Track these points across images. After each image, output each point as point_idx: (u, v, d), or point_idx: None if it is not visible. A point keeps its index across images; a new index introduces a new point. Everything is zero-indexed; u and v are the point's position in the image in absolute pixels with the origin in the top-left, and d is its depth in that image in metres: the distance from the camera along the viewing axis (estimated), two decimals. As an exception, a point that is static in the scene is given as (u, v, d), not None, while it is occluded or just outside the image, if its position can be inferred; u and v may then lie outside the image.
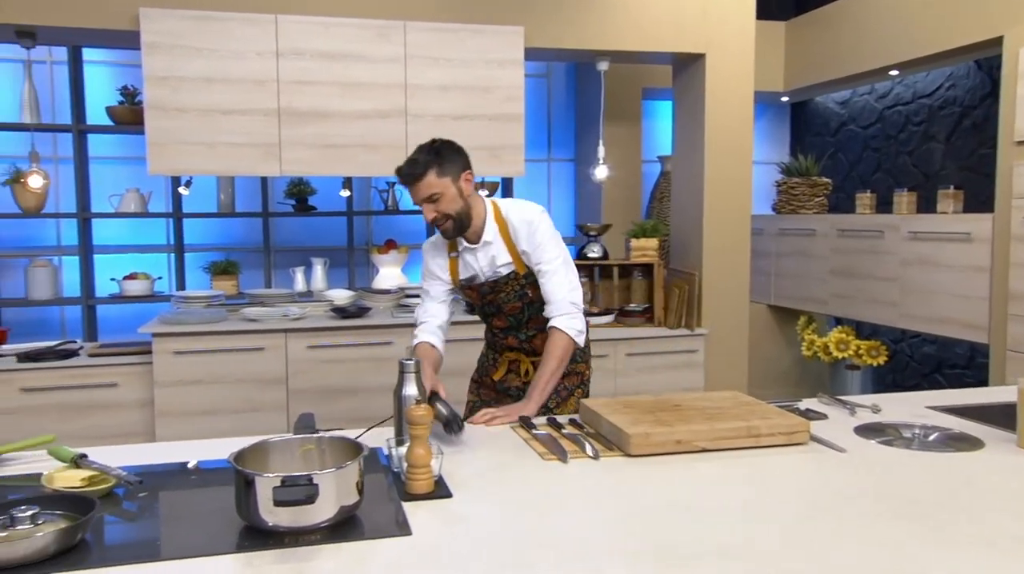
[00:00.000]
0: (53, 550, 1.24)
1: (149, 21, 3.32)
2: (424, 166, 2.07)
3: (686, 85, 4.25)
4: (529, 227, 2.17)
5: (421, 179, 2.08)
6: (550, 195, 5.17)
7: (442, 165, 2.09)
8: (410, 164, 2.09)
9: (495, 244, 2.22)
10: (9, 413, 3.28)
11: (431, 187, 2.08)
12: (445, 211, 2.12)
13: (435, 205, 2.11)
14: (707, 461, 1.68)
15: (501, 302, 2.28)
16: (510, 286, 2.25)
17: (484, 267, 2.24)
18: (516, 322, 2.33)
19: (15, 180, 3.76)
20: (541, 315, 2.25)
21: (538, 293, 2.23)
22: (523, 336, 2.36)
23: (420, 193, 2.10)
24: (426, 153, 2.09)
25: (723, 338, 4.15)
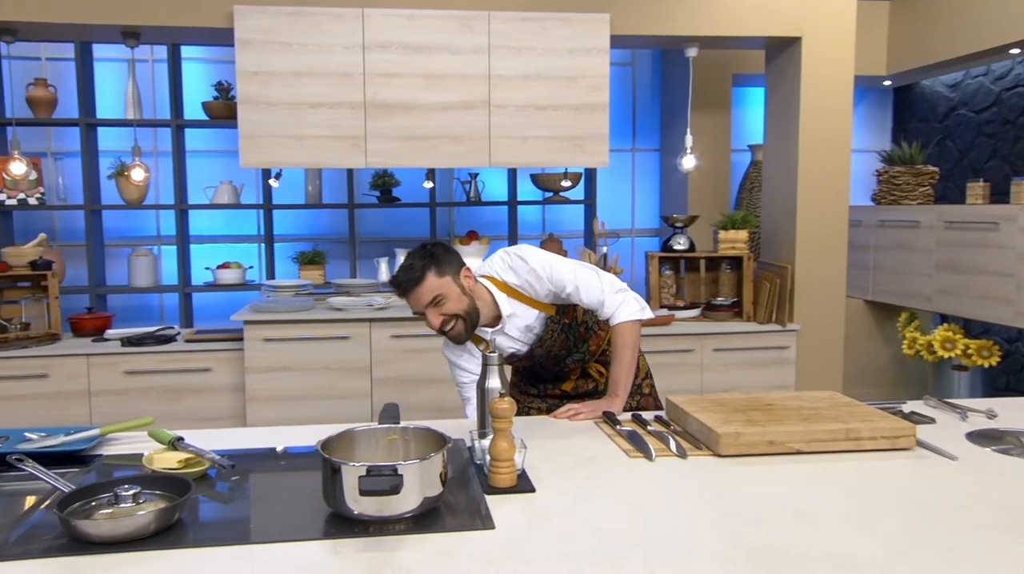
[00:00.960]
0: (153, 528, 1.28)
1: (242, 18, 3.42)
2: (421, 270, 1.95)
3: (780, 70, 4.07)
4: (535, 275, 2.06)
5: (421, 283, 1.95)
6: (634, 186, 5.07)
7: (440, 265, 1.97)
8: (406, 271, 1.97)
9: (518, 313, 2.12)
10: (115, 394, 3.45)
11: (433, 289, 1.95)
12: (452, 312, 1.98)
13: (439, 308, 1.97)
14: (802, 464, 1.60)
15: (549, 348, 2.20)
16: (551, 330, 2.16)
17: (521, 337, 2.15)
18: (567, 350, 2.24)
19: (120, 173, 3.95)
20: (582, 327, 2.21)
21: (573, 315, 2.17)
22: (579, 355, 2.27)
23: (422, 299, 1.96)
24: (420, 257, 1.98)
25: (817, 335, 3.97)
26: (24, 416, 3.33)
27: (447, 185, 4.71)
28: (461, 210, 4.77)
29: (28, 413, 3.35)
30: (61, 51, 4.20)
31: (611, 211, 4.92)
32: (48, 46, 4.23)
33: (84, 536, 1.25)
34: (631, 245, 5.04)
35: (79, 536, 1.26)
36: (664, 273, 4.23)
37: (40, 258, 3.58)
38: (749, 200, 4.89)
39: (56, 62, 4.25)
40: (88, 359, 3.43)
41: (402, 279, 1.97)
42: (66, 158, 4.28)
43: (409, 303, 2.00)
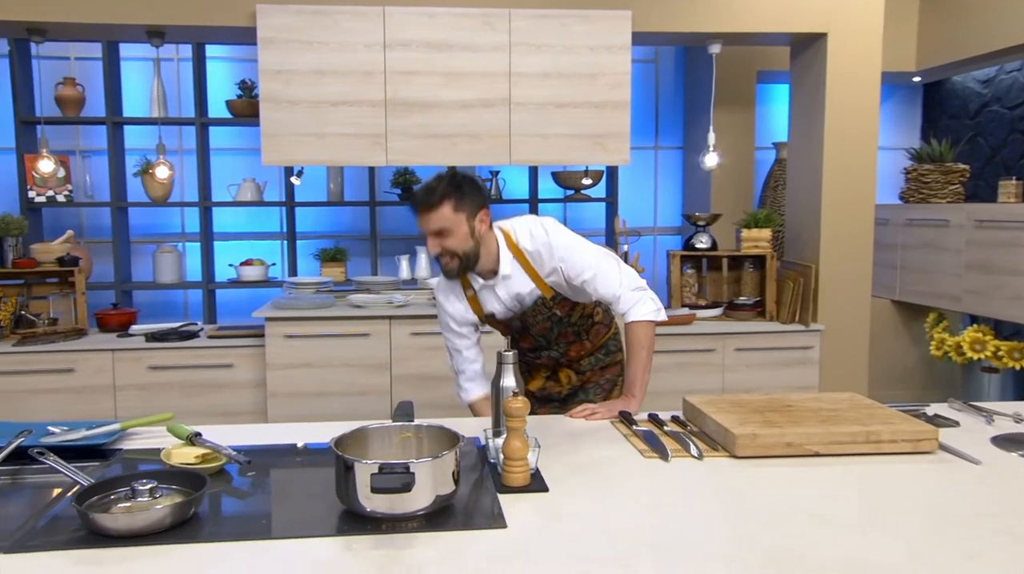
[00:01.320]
0: (169, 522, 1.30)
1: (265, 17, 3.44)
2: (440, 196, 1.91)
3: (805, 67, 4.02)
4: (549, 249, 2.02)
5: (434, 210, 1.91)
6: (657, 183, 5.03)
7: (461, 199, 1.92)
8: (426, 192, 1.93)
9: (514, 277, 2.06)
10: (138, 389, 3.50)
11: (443, 220, 1.91)
12: (451, 249, 1.95)
13: (442, 240, 1.94)
14: (820, 466, 1.57)
15: (530, 324, 2.15)
16: (538, 311, 2.11)
17: (507, 300, 2.10)
18: (546, 341, 2.19)
19: (145, 171, 4.00)
20: (569, 330, 2.16)
21: (567, 311, 2.11)
22: (556, 353, 2.23)
23: (430, 224, 1.93)
24: (445, 184, 1.93)
25: (841, 335, 3.91)
26: (50, 409, 3.39)
27: (468, 183, 4.70)
28: (482, 208, 4.76)
29: (55, 406, 3.41)
30: (89, 51, 4.26)
31: (633, 209, 4.89)
32: (77, 46, 4.29)
33: (102, 529, 1.27)
34: (653, 243, 5.00)
35: (97, 529, 1.27)
36: (686, 272, 4.20)
37: (67, 254, 3.64)
38: (773, 198, 4.84)
39: (84, 61, 4.32)
40: (113, 354, 3.48)
41: (419, 198, 1.94)
42: (93, 156, 4.35)
43: (417, 220, 1.97)
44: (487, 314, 2.15)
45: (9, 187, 4.15)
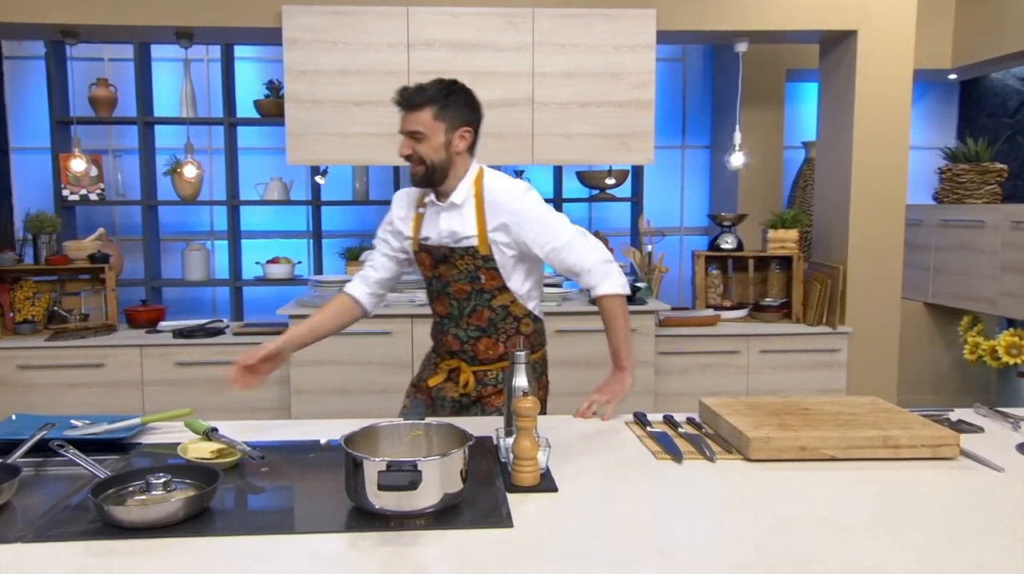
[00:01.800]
0: (182, 515, 1.31)
1: (290, 17, 3.48)
2: (425, 101, 1.87)
3: (834, 65, 3.95)
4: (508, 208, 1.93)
5: (416, 110, 1.88)
6: (683, 183, 4.99)
7: (445, 108, 1.89)
8: (416, 90, 1.89)
9: (463, 210, 1.97)
10: (165, 384, 3.57)
11: (420, 124, 1.88)
12: (422, 155, 1.90)
13: (415, 142, 1.90)
14: (835, 471, 1.54)
15: (450, 279, 2.03)
16: (464, 262, 2.00)
17: (444, 232, 2.00)
18: (459, 311, 2.05)
19: (174, 170, 4.07)
20: (486, 312, 2.04)
21: (491, 282, 2.01)
22: (463, 335, 2.07)
23: (407, 124, 1.90)
24: (436, 89, 1.89)
25: (870, 337, 3.84)
26: (80, 403, 3.46)
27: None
28: (506, 207, 4.76)
29: (84, 400, 3.48)
30: (122, 52, 4.35)
31: (659, 209, 4.86)
32: (110, 47, 4.39)
33: (116, 521, 1.29)
34: (679, 244, 4.96)
35: (111, 521, 1.29)
36: (711, 272, 4.16)
37: (98, 252, 3.72)
38: (802, 198, 4.77)
39: (117, 62, 4.41)
40: (141, 350, 3.54)
41: (406, 94, 1.90)
42: (125, 155, 4.44)
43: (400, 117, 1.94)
44: (422, 238, 2.06)
45: (45, 185, 4.25)
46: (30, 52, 4.36)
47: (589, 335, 3.62)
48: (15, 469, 1.45)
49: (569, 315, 3.63)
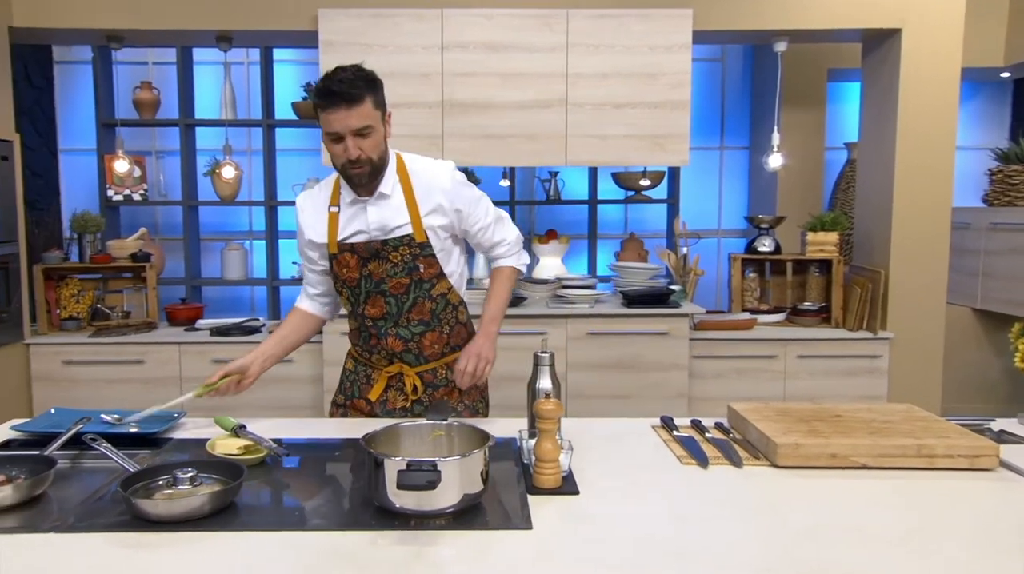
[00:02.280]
0: (207, 510, 1.33)
1: (327, 20, 3.52)
2: (363, 88, 1.71)
3: (877, 64, 3.86)
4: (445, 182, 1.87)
5: (358, 103, 1.71)
6: (721, 185, 4.92)
7: (377, 94, 1.76)
8: (346, 83, 1.70)
9: (392, 199, 1.86)
10: (203, 380, 3.62)
11: (366, 117, 1.73)
12: (368, 153, 1.76)
13: (363, 140, 1.74)
14: (866, 479, 1.50)
15: (384, 275, 1.88)
16: (400, 254, 1.87)
17: (373, 225, 1.87)
18: (397, 308, 1.91)
19: (214, 171, 4.15)
20: (428, 304, 1.92)
21: (430, 271, 1.90)
22: (406, 333, 1.93)
23: (351, 122, 1.71)
24: (360, 76, 1.73)
25: (913, 343, 3.73)
26: (121, 398, 3.55)
27: (528, 183, 4.71)
28: (541, 208, 4.76)
29: (125, 395, 3.57)
30: (165, 56, 4.46)
31: (696, 211, 4.80)
32: (154, 51, 4.49)
33: (143, 514, 1.32)
34: (716, 246, 4.89)
35: (139, 514, 1.32)
36: (747, 275, 4.09)
37: (140, 251, 3.81)
38: (844, 201, 4.67)
39: (160, 66, 4.52)
40: (180, 347, 3.62)
41: (338, 89, 1.70)
42: (167, 156, 4.54)
43: (329, 119, 1.73)
44: (342, 240, 1.89)
45: (91, 186, 4.37)
46: (78, 57, 4.49)
47: (621, 338, 3.60)
48: (51, 461, 1.49)
49: (600, 318, 3.60)
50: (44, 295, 3.70)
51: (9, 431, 1.82)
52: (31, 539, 1.25)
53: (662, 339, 3.60)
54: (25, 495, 1.40)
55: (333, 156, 1.81)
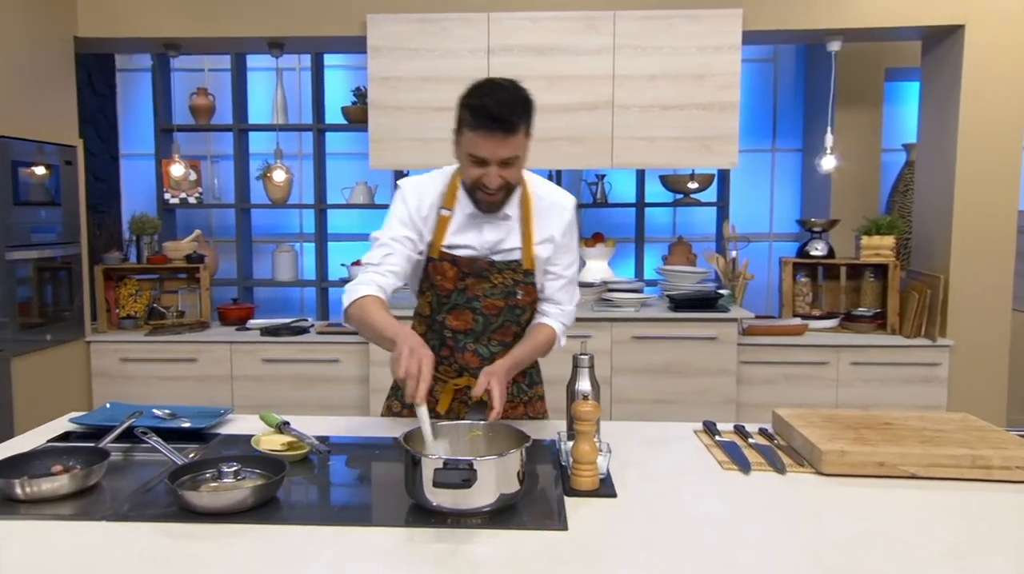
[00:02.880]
0: (250, 503, 1.36)
1: (375, 26, 3.58)
2: (521, 117, 1.59)
3: (937, 63, 3.74)
4: (564, 217, 1.78)
5: (514, 133, 1.59)
6: (773, 188, 4.82)
7: (530, 121, 1.63)
8: (507, 109, 1.57)
9: (512, 222, 1.77)
10: (252, 380, 3.72)
11: (517, 148, 1.61)
12: (510, 180, 1.66)
13: (508, 170, 1.64)
14: (915, 489, 1.45)
15: (481, 294, 1.79)
16: (503, 276, 1.78)
17: (485, 243, 1.78)
18: (484, 326, 1.82)
19: (266, 175, 4.25)
20: (513, 328, 1.85)
21: (527, 299, 1.82)
22: (485, 351, 1.84)
23: (501, 152, 1.60)
24: (521, 102, 1.60)
25: (976, 351, 3.60)
26: (174, 396, 3.65)
27: (573, 186, 4.69)
28: (587, 211, 4.73)
29: (178, 393, 3.68)
30: (220, 63, 4.59)
31: (747, 214, 4.71)
32: (210, 58, 4.63)
33: (189, 506, 1.35)
34: (768, 250, 4.80)
35: (185, 505, 1.36)
36: (799, 280, 4.00)
37: (194, 252, 3.92)
38: (902, 203, 4.52)
39: (216, 72, 4.65)
40: (231, 346, 3.71)
41: (497, 114, 1.56)
42: (221, 160, 4.67)
43: (477, 142, 1.60)
44: (447, 249, 1.78)
45: (149, 189, 4.53)
46: (138, 65, 4.65)
47: (667, 342, 3.55)
48: (105, 453, 1.55)
49: (647, 321, 3.57)
50: (104, 294, 3.84)
51: (67, 423, 1.89)
52: (85, 526, 1.30)
53: (709, 344, 3.55)
54: (80, 485, 1.45)
55: (468, 174, 1.69)
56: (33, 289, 3.38)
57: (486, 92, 1.60)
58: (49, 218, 3.45)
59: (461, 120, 1.65)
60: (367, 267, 1.76)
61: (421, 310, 1.90)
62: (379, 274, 1.74)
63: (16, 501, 1.40)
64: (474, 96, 1.61)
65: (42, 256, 3.41)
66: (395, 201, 1.81)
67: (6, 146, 3.15)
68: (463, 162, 1.69)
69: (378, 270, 1.74)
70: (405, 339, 1.51)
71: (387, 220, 1.80)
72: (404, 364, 1.45)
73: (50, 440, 1.79)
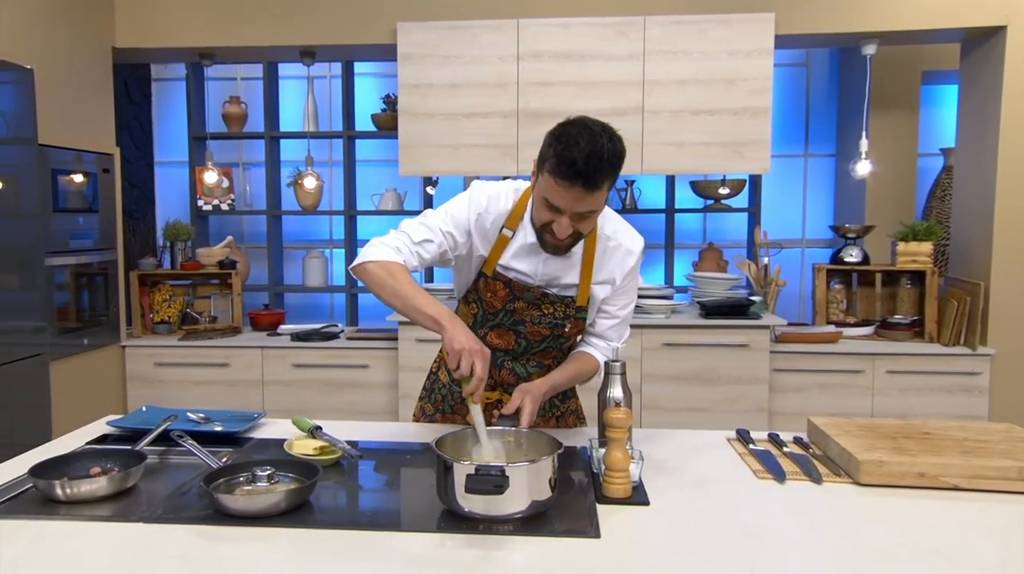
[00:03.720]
0: (283, 507, 1.37)
1: (405, 34, 3.60)
2: (607, 174, 1.50)
3: (977, 65, 3.66)
4: (628, 262, 1.74)
5: (595, 191, 1.51)
6: (805, 193, 4.76)
7: (616, 176, 1.54)
8: (595, 165, 1.48)
9: (573, 259, 1.73)
10: (283, 385, 3.75)
11: (596, 203, 1.54)
12: (581, 231, 1.61)
13: (582, 223, 1.58)
14: (958, 501, 1.41)
15: (528, 319, 1.77)
16: (554, 308, 1.75)
17: (541, 274, 1.74)
18: (525, 348, 1.82)
19: (297, 182, 4.30)
20: (553, 353, 1.84)
21: (574, 330, 1.80)
22: (522, 370, 1.84)
23: (578, 206, 1.53)
24: (613, 160, 1.50)
25: (1018, 360, 3.51)
26: (207, 400, 3.70)
27: (603, 193, 4.67)
28: (616, 218, 4.71)
29: (210, 397, 3.72)
30: (252, 71, 4.65)
31: (779, 220, 4.65)
32: (242, 67, 4.70)
33: (224, 508, 1.36)
34: (800, 256, 4.73)
35: (220, 508, 1.37)
36: (832, 287, 3.93)
37: (227, 258, 3.98)
38: (940, 209, 4.43)
39: (248, 81, 4.72)
40: (263, 351, 3.75)
41: (584, 171, 1.47)
42: (253, 168, 4.73)
43: (556, 191, 1.52)
44: (502, 270, 1.74)
45: (183, 196, 4.60)
46: (173, 74, 4.74)
47: (698, 349, 3.52)
48: (142, 455, 1.57)
49: (677, 328, 3.54)
50: (139, 300, 3.91)
51: (105, 426, 1.92)
52: (123, 527, 1.31)
53: (741, 351, 3.50)
54: (117, 487, 1.47)
55: (539, 215, 1.62)
56: (71, 294, 3.45)
57: (576, 141, 1.48)
58: (87, 225, 3.53)
59: (543, 159, 1.56)
60: (402, 235, 1.69)
61: (464, 319, 1.85)
62: (409, 250, 1.67)
63: (56, 502, 1.42)
64: (563, 142, 1.50)
65: (80, 262, 3.48)
66: (461, 199, 1.74)
67: (46, 155, 3.22)
68: (536, 201, 1.62)
69: (411, 247, 1.68)
70: (456, 327, 1.50)
71: (444, 210, 1.73)
72: (464, 361, 1.46)
73: (88, 442, 1.82)
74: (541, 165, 1.57)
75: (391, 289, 1.60)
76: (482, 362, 1.47)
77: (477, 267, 1.77)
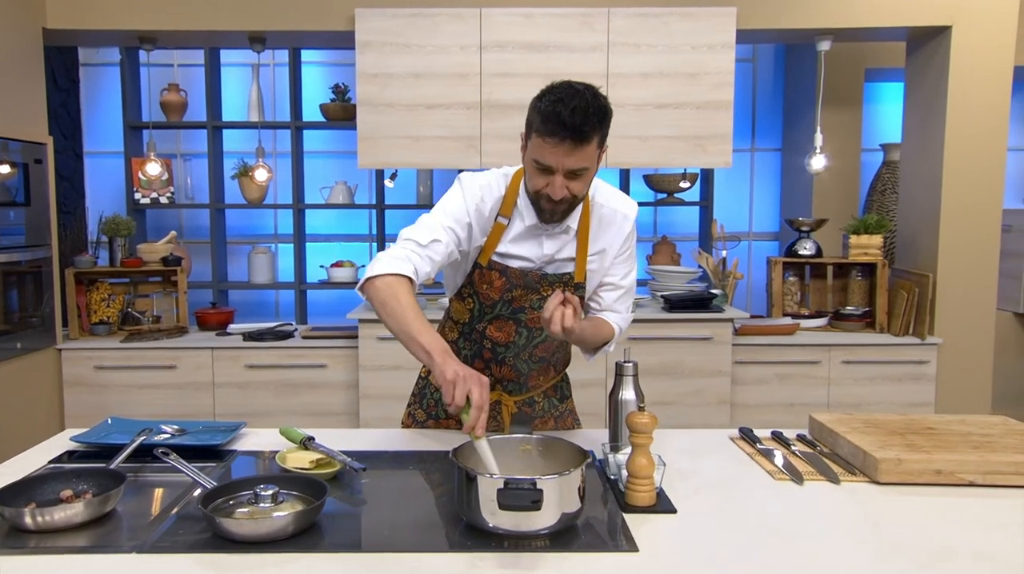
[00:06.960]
0: (291, 530, 1.27)
1: (363, 21, 3.46)
2: (593, 128, 1.48)
3: (923, 63, 3.78)
4: (624, 228, 1.72)
5: (585, 143, 1.48)
6: (752, 187, 4.85)
7: (604, 131, 1.52)
8: (581, 117, 1.45)
9: (569, 233, 1.69)
10: (236, 387, 3.57)
11: (587, 159, 1.51)
12: (575, 193, 1.56)
13: (575, 182, 1.54)
14: (978, 498, 1.42)
15: (527, 305, 1.73)
16: (553, 290, 1.69)
17: (542, 256, 1.70)
18: (527, 339, 1.77)
19: (243, 174, 4.09)
20: (555, 342, 1.80)
21: None
22: (524, 366, 1.80)
23: (569, 162, 1.50)
24: (597, 111, 1.48)
25: (962, 349, 3.66)
26: (154, 404, 3.48)
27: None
28: (571, 211, 4.68)
29: (158, 402, 3.50)
30: (191, 58, 4.40)
31: (726, 213, 4.72)
32: (180, 53, 4.44)
33: (226, 533, 1.26)
34: (748, 249, 4.82)
35: (221, 533, 1.26)
36: (787, 279, 4.02)
37: (171, 254, 3.75)
38: (880, 203, 4.58)
39: (187, 68, 4.46)
40: (212, 352, 3.55)
41: (570, 123, 1.45)
42: (193, 159, 4.48)
43: (544, 149, 1.50)
44: (498, 258, 1.70)
45: (115, 189, 4.32)
46: (103, 59, 4.43)
47: (661, 343, 3.53)
48: (120, 475, 1.43)
49: (642, 322, 3.53)
50: (75, 299, 3.64)
51: (68, 442, 1.76)
52: (112, 560, 1.19)
53: (704, 345, 3.53)
54: (95, 512, 1.34)
55: (532, 182, 1.60)
56: (-1, 295, 3.18)
57: (560, 97, 1.48)
58: (16, 220, 3.25)
59: (531, 123, 1.55)
60: (408, 243, 1.61)
61: (458, 316, 1.81)
62: (419, 256, 1.60)
63: (25, 532, 1.28)
64: (547, 100, 1.50)
65: (9, 260, 3.21)
66: (454, 193, 1.69)
67: (-30, 143, 2.95)
68: (528, 168, 1.60)
69: (420, 252, 1.60)
70: (447, 361, 1.41)
71: (440, 209, 1.67)
72: (459, 388, 1.35)
73: (51, 461, 1.66)
74: (529, 129, 1.56)
75: (391, 309, 1.51)
76: (479, 388, 1.36)
77: (472, 259, 1.72)
